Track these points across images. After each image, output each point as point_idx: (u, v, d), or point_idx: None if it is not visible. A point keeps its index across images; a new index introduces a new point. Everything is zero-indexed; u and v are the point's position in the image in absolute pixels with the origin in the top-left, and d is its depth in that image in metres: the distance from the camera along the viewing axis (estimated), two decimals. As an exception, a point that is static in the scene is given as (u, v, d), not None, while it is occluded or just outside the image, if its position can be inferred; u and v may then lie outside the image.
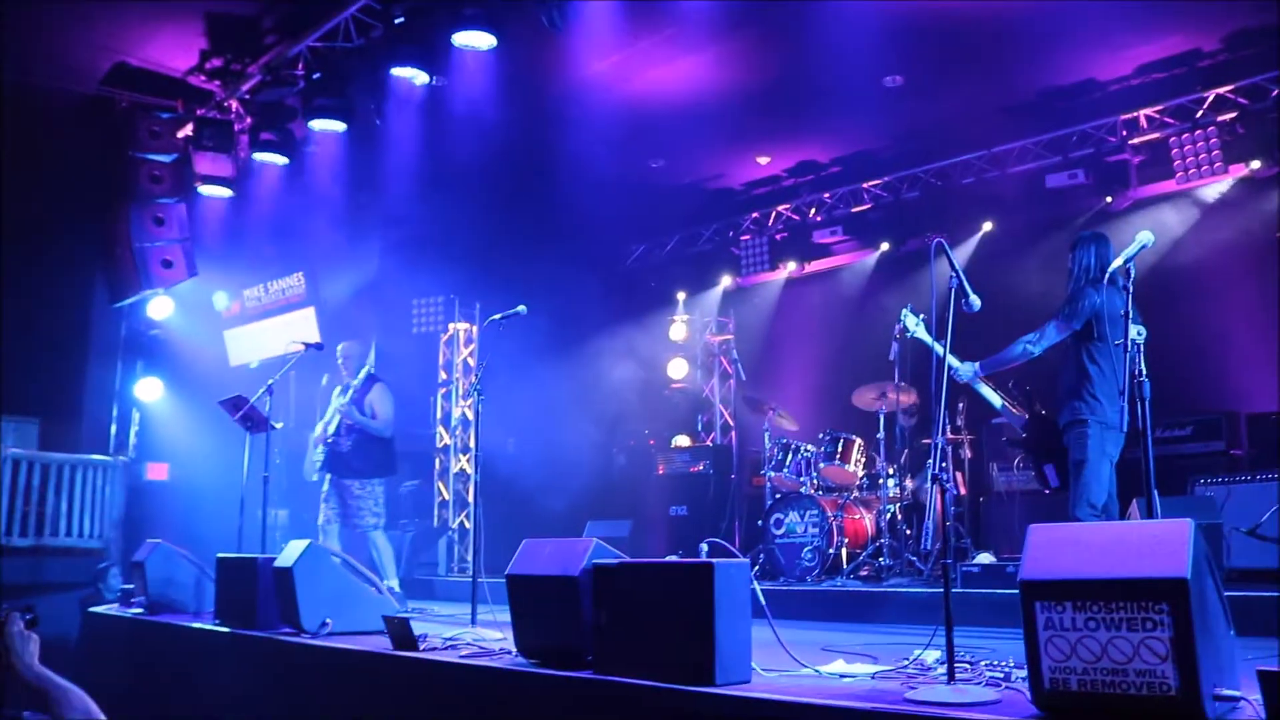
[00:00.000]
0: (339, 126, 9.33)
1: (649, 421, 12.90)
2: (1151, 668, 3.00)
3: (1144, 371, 4.57)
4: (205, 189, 10.16)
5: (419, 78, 8.66)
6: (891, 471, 9.19)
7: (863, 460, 9.42)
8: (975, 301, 4.53)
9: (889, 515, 8.99)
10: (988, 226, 11.21)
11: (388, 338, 11.81)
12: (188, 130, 9.99)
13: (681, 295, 13.66)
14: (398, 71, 8.63)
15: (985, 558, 8.04)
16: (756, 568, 9.04)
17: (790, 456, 9.50)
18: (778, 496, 9.37)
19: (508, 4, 7.86)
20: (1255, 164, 9.33)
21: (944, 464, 8.58)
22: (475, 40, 8.08)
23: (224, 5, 8.88)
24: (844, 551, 8.79)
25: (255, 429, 8.24)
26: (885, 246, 11.96)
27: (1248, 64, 9.25)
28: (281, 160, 9.89)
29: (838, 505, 9.00)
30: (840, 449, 9.35)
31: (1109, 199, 10.20)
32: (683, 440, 12.54)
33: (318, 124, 9.32)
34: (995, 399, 6.59)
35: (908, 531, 8.94)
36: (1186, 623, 2.95)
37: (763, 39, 8.98)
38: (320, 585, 6.22)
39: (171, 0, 8.75)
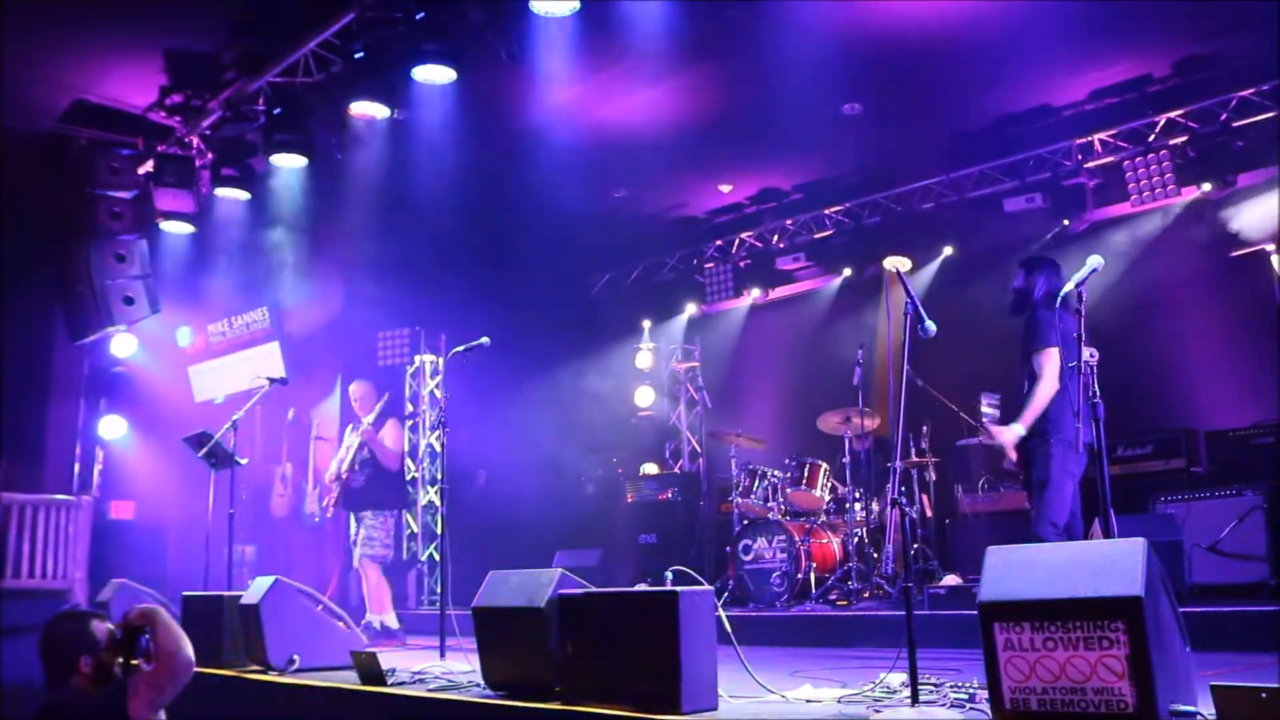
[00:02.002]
0: (300, 161, 9.30)
1: (617, 450, 12.89)
2: (1109, 686, 3.04)
3: (1097, 393, 4.64)
4: (166, 225, 10.10)
5: (380, 111, 8.68)
6: (858, 495, 9.24)
7: (828, 485, 9.46)
8: (931, 327, 4.57)
9: (856, 539, 9.03)
10: (948, 250, 11.33)
11: (353, 371, 11.76)
12: (148, 166, 9.93)
13: (647, 323, 13.69)
14: (358, 106, 8.64)
15: (952, 579, 8.11)
16: (726, 594, 9.05)
17: (757, 482, 9.54)
18: (746, 522, 9.40)
19: (466, 38, 7.89)
20: (1206, 186, 9.48)
21: (903, 488, 8.68)
22: (435, 75, 8.09)
23: (183, 41, 8.85)
24: (812, 576, 8.82)
25: (220, 465, 8.23)
26: (848, 272, 12.05)
27: (1197, 89, 9.42)
28: (243, 195, 9.83)
29: (805, 530, 9.03)
30: (806, 474, 9.39)
31: (1066, 222, 10.33)
32: (651, 468, 12.55)
33: (279, 159, 9.30)
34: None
35: (875, 555, 8.98)
36: (1141, 640, 2.99)
37: (722, 69, 9.05)
38: (287, 621, 6.18)
39: (130, 37, 8.71)
